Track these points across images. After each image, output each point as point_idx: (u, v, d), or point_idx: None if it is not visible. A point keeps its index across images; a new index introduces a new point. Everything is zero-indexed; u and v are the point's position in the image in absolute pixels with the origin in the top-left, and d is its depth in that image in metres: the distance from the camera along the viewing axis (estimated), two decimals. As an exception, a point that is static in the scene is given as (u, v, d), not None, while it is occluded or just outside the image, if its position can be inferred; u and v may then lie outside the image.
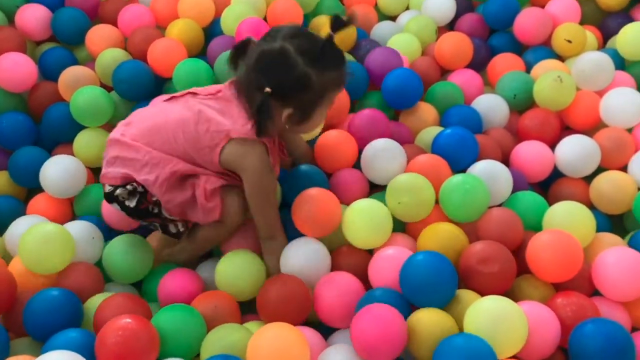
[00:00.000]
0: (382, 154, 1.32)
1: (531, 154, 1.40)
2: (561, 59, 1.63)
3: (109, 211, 1.32)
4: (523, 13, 1.66)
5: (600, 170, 1.38)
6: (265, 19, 1.66)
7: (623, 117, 1.42)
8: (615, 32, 1.63)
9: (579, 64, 1.50)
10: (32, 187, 1.44)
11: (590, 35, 1.66)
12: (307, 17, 1.72)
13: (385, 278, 1.14)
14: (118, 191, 1.16)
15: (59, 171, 1.35)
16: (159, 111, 1.20)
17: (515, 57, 1.63)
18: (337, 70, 1.16)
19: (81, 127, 1.47)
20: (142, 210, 1.18)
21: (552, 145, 1.42)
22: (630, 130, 1.43)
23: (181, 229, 1.23)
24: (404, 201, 1.23)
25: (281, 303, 1.10)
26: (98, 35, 1.62)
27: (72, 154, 1.44)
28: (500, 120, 1.51)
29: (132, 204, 1.17)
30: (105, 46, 1.59)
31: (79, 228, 1.24)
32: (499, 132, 1.48)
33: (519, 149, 1.41)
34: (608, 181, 1.34)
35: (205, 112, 1.16)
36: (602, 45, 1.70)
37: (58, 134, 1.49)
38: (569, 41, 1.60)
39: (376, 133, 1.39)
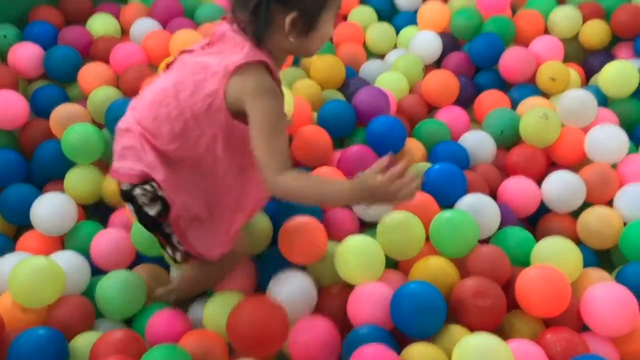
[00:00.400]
0: None
1: (518, 189, 1.41)
2: (546, 96, 1.67)
3: (99, 251, 1.31)
4: (508, 52, 1.70)
5: (586, 205, 1.40)
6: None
7: (607, 153, 1.44)
8: (598, 69, 1.67)
9: (563, 101, 1.53)
10: (22, 225, 1.43)
11: (574, 72, 1.70)
12: (297, 59, 1.75)
13: (365, 314, 1.14)
14: (137, 191, 1.07)
15: (49, 209, 1.34)
16: (156, 83, 1.13)
17: (501, 94, 1.66)
18: None
19: (72, 164, 1.47)
20: (156, 224, 1.11)
21: (539, 181, 1.44)
22: (614, 165, 1.45)
23: (178, 259, 1.17)
24: (394, 238, 1.23)
25: (255, 328, 1.02)
26: (90, 73, 1.63)
27: (63, 191, 1.44)
28: (487, 156, 1.53)
29: (151, 212, 1.08)
30: (97, 84, 1.61)
31: (65, 259, 1.24)
32: (486, 167, 1.50)
33: (506, 185, 1.43)
34: (595, 216, 1.36)
35: (200, 63, 1.07)
36: (585, 83, 1.74)
37: (49, 171, 1.49)
38: (553, 79, 1.64)
39: (365, 169, 1.40)
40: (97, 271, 1.32)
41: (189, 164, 1.09)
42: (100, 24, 1.79)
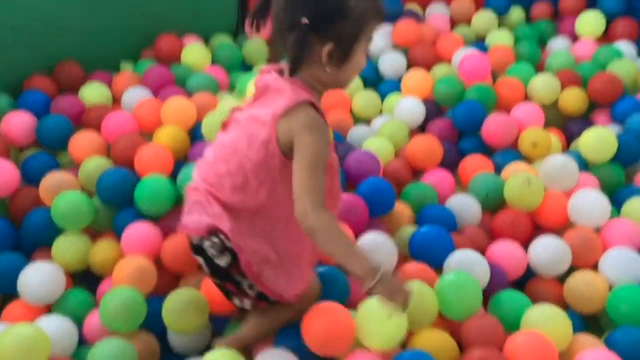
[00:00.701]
0: (374, 248, 1.33)
1: (505, 253, 1.42)
2: (528, 160, 1.71)
3: (92, 328, 1.30)
4: (490, 118, 1.75)
5: (570, 269, 1.41)
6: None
7: (590, 218, 1.48)
8: (577, 135, 1.73)
9: (545, 166, 1.57)
10: (8, 293, 1.41)
11: (554, 138, 1.75)
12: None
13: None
14: (206, 244, 1.12)
15: (37, 278, 1.33)
16: (216, 143, 1.19)
17: (484, 159, 1.70)
18: None
19: (61, 231, 1.47)
20: (227, 274, 1.15)
21: (525, 243, 1.46)
22: (597, 229, 1.48)
23: (247, 307, 1.19)
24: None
25: None
26: (81, 141, 1.65)
27: (51, 258, 1.43)
28: (473, 219, 1.55)
29: (222, 263, 1.13)
30: (88, 152, 1.62)
31: (52, 324, 1.23)
32: (473, 230, 1.52)
33: (493, 249, 1.44)
34: (581, 281, 1.36)
35: (251, 116, 1.13)
36: (565, 148, 1.79)
37: (38, 239, 1.49)
38: (535, 145, 1.68)
39: (356, 220, 1.42)
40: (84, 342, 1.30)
41: (251, 212, 1.13)
42: (93, 92, 1.82)
